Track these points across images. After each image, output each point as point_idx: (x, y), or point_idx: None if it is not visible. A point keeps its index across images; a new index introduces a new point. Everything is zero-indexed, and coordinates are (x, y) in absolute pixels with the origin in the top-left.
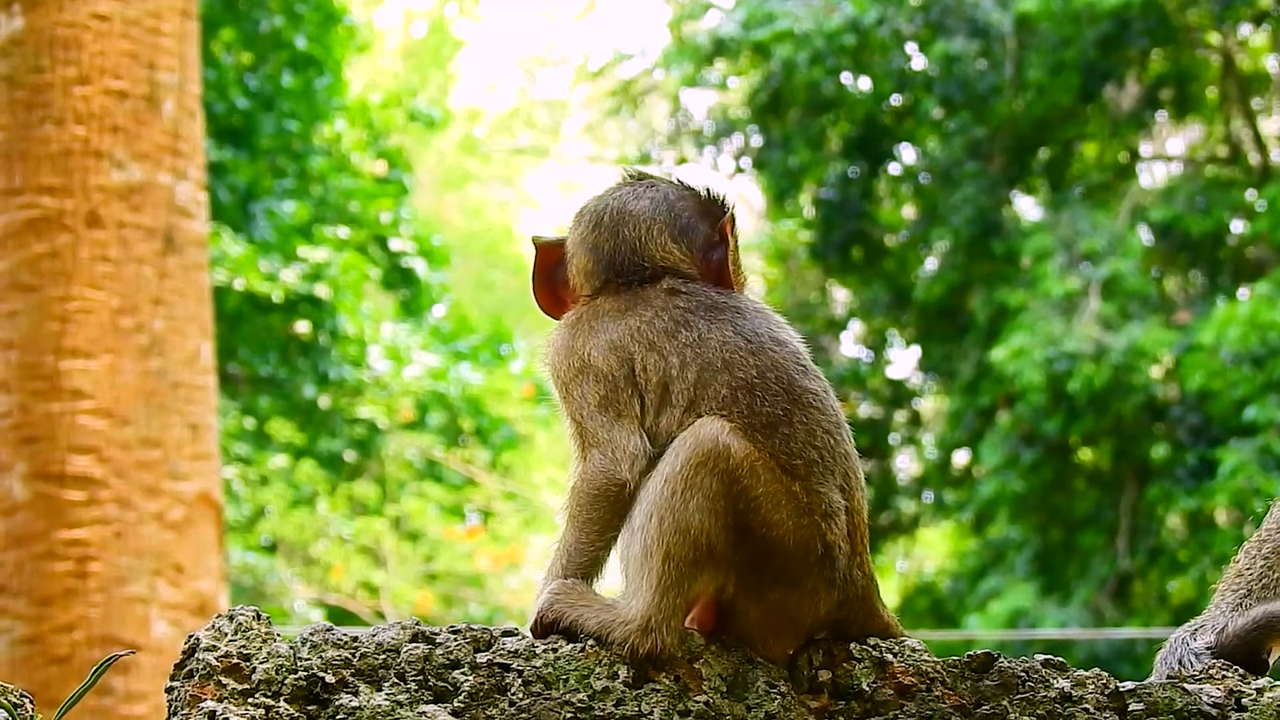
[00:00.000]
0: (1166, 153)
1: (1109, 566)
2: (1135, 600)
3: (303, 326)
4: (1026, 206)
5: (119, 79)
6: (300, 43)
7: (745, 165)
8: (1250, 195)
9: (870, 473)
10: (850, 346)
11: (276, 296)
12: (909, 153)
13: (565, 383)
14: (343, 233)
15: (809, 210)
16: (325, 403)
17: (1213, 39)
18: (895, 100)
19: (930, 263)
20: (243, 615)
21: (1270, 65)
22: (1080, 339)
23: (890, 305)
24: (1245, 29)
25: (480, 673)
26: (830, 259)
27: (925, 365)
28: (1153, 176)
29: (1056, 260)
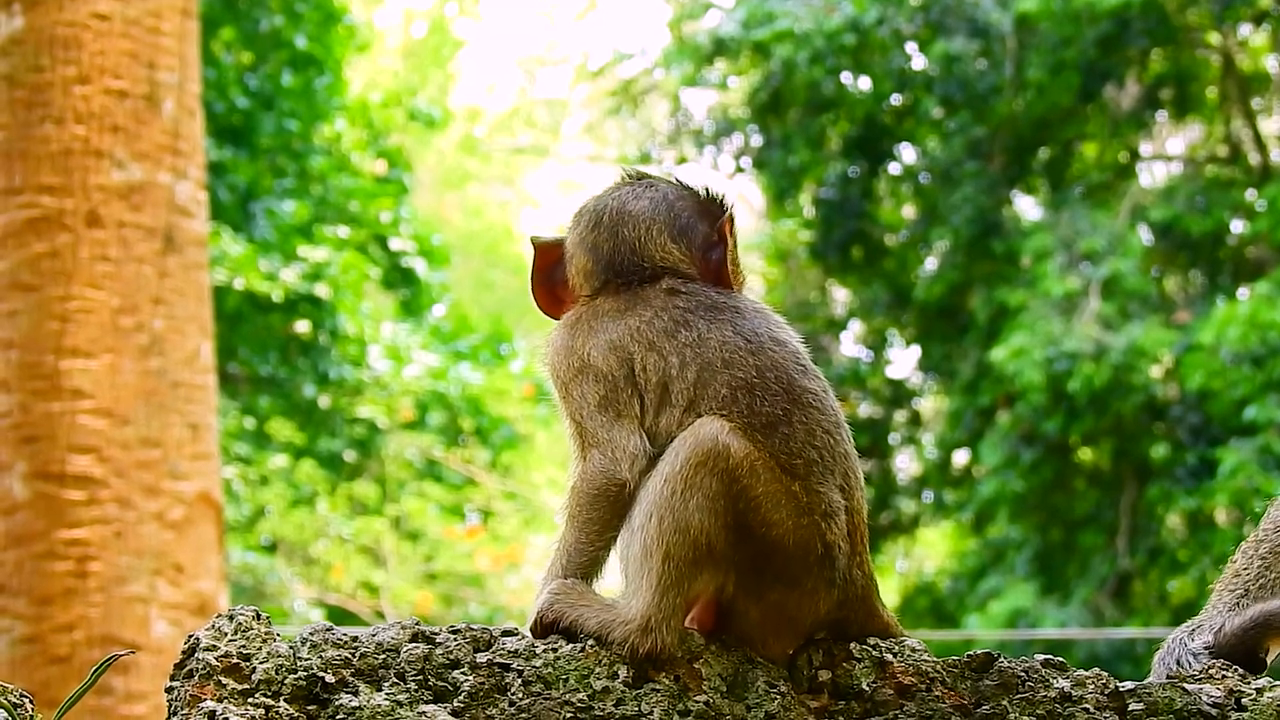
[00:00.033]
0: (1166, 152)
1: (1109, 566)
2: (1135, 600)
3: (303, 326)
4: (1026, 206)
5: (119, 78)
6: (300, 42)
7: (745, 165)
8: (1250, 195)
9: (870, 472)
10: (850, 346)
11: (276, 296)
12: (909, 152)
13: (565, 383)
14: (343, 232)
15: (809, 210)
16: (325, 402)
17: (1213, 39)
18: (895, 100)
19: (930, 262)
20: (242, 615)
21: (1270, 65)
22: (1080, 339)
23: (890, 305)
24: (1245, 29)
25: (480, 672)
26: (830, 259)
27: (925, 365)
28: (1153, 176)
29: (1056, 260)
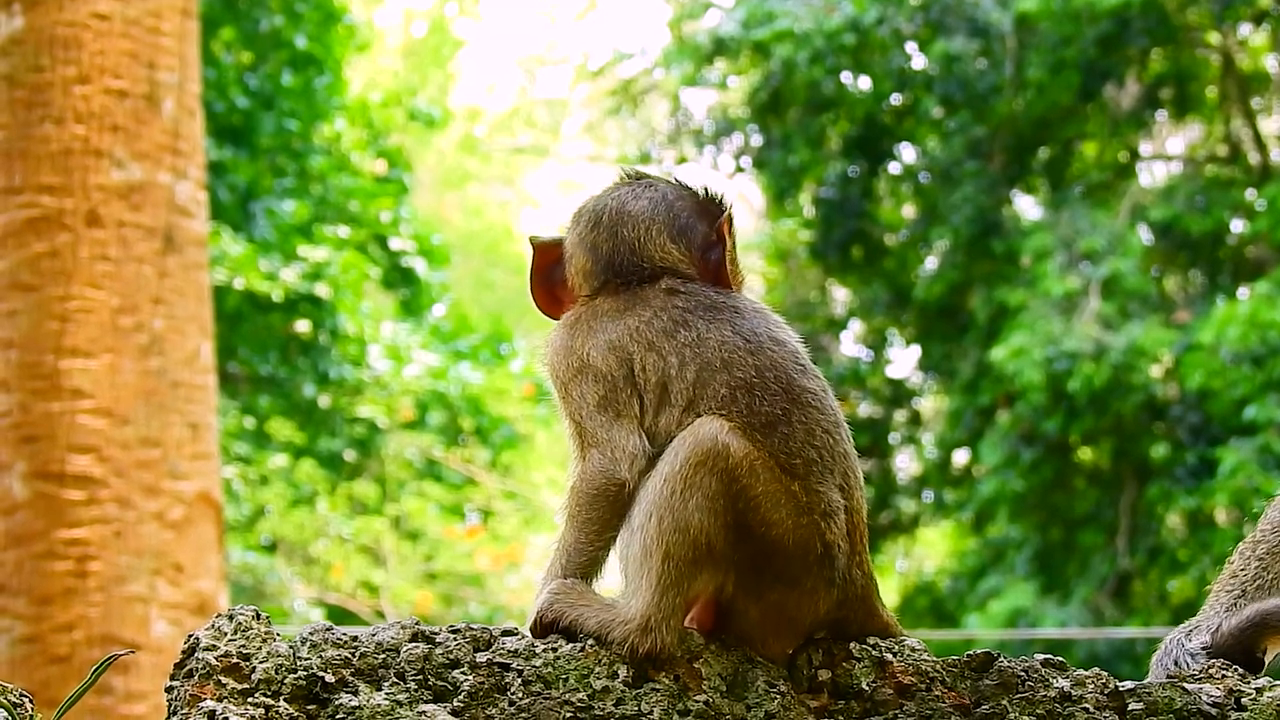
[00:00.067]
0: (1166, 152)
1: (1109, 566)
2: (1135, 599)
3: (303, 326)
4: (1026, 206)
5: (119, 78)
6: (300, 42)
7: (745, 164)
8: (1250, 195)
9: (870, 472)
10: (850, 346)
11: (276, 296)
12: (909, 152)
13: (564, 383)
14: (343, 232)
15: (809, 209)
16: (325, 402)
17: (1212, 38)
18: (895, 99)
19: (930, 262)
20: (242, 615)
21: (1270, 65)
22: (1080, 338)
23: (890, 304)
24: (1245, 28)
25: (480, 672)
26: (830, 258)
27: (925, 364)
28: (1152, 176)
29: (1056, 259)
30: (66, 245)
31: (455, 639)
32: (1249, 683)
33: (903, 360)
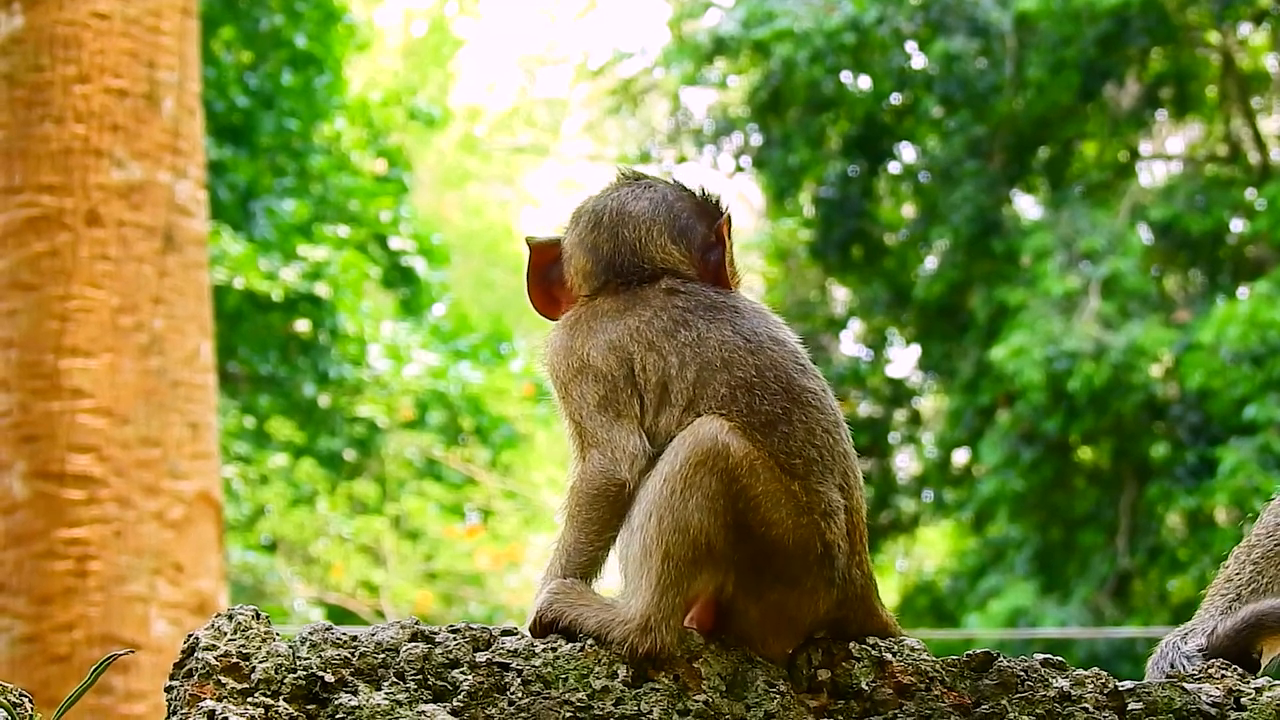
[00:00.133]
0: (1166, 152)
1: (1109, 565)
2: (1135, 599)
3: (302, 325)
4: (1026, 205)
5: (119, 77)
6: (300, 41)
7: (745, 164)
8: (1250, 194)
9: (870, 472)
10: (850, 345)
11: (276, 295)
12: (909, 151)
13: (564, 383)
14: (343, 231)
15: (809, 209)
16: (325, 401)
17: (1212, 38)
18: (895, 99)
19: (930, 261)
20: (242, 614)
21: (1270, 64)
22: (1080, 338)
23: (890, 304)
24: (1245, 28)
25: (479, 672)
26: (830, 258)
27: (925, 364)
28: (1152, 175)
29: (1056, 259)
30: (66, 245)
31: (455, 639)
32: (1248, 682)
33: (902, 360)
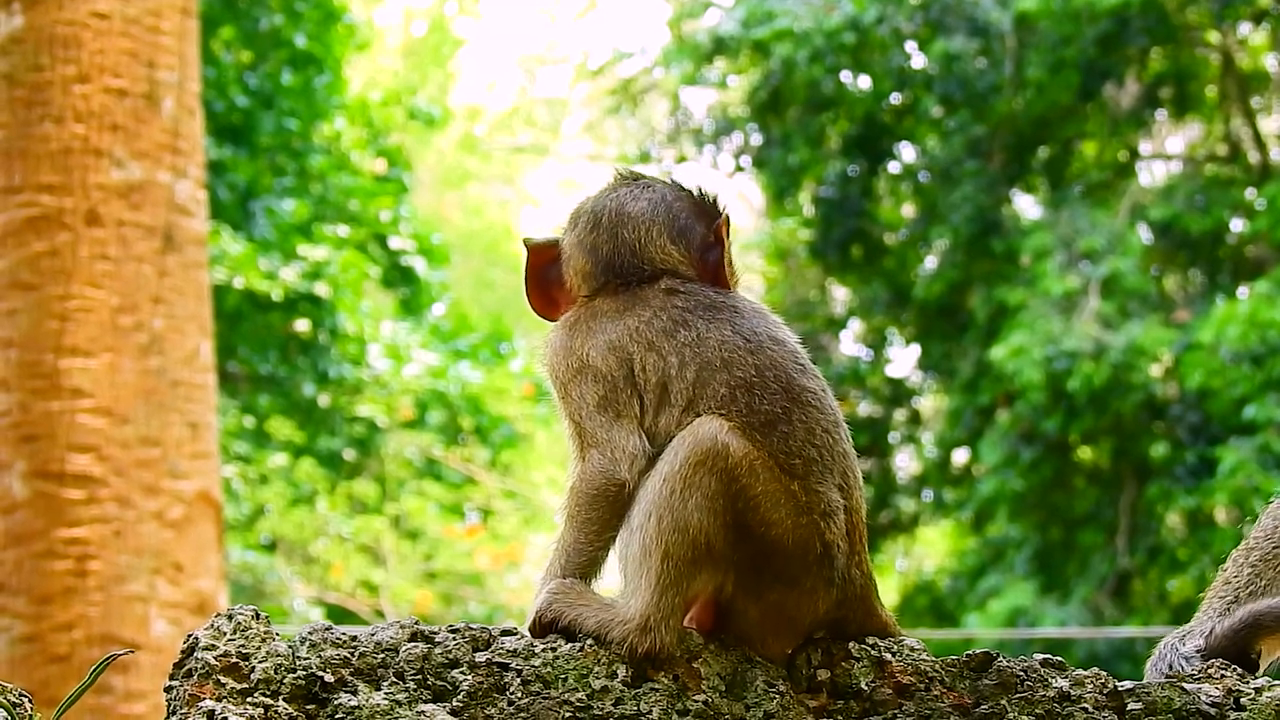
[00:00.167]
0: (1166, 151)
1: (1108, 565)
2: (1135, 599)
3: (302, 325)
4: (1026, 205)
5: (119, 77)
6: (300, 41)
7: (745, 163)
8: (1250, 194)
9: (870, 471)
10: (850, 345)
11: (276, 295)
12: (909, 151)
13: (564, 383)
14: (342, 231)
15: (809, 208)
16: (325, 401)
17: (1212, 38)
18: (895, 99)
19: (930, 261)
20: (242, 614)
21: (1270, 64)
22: (1080, 337)
23: (890, 304)
24: (1245, 28)
25: (479, 672)
26: (830, 257)
27: (925, 364)
28: (1152, 175)
29: (1056, 259)
30: (66, 244)
31: (454, 639)
32: (1248, 682)
33: (902, 359)
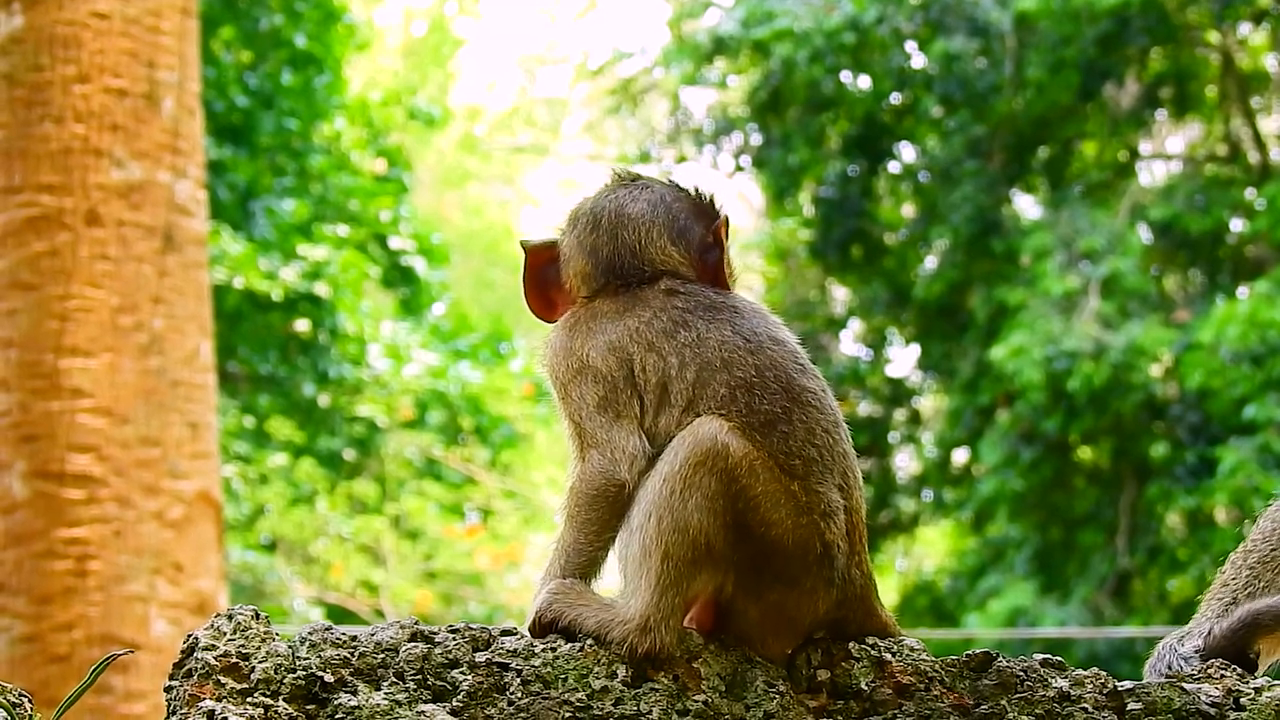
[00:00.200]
0: (1166, 151)
1: (1108, 565)
2: (1135, 599)
3: (302, 325)
4: (1026, 205)
5: (119, 77)
6: (300, 41)
7: (745, 163)
8: (1250, 194)
9: (869, 471)
10: (850, 345)
11: (276, 295)
12: (909, 151)
13: (564, 384)
14: (342, 231)
15: (808, 208)
16: (325, 401)
17: (1212, 38)
18: (895, 99)
19: (930, 261)
20: (242, 614)
21: (1270, 64)
22: (1080, 337)
23: (890, 303)
24: (1245, 28)
25: (479, 672)
26: (830, 257)
27: (925, 363)
28: (1152, 175)
29: (1056, 259)
30: (66, 244)
31: (454, 639)
32: (1247, 682)
33: (902, 359)
